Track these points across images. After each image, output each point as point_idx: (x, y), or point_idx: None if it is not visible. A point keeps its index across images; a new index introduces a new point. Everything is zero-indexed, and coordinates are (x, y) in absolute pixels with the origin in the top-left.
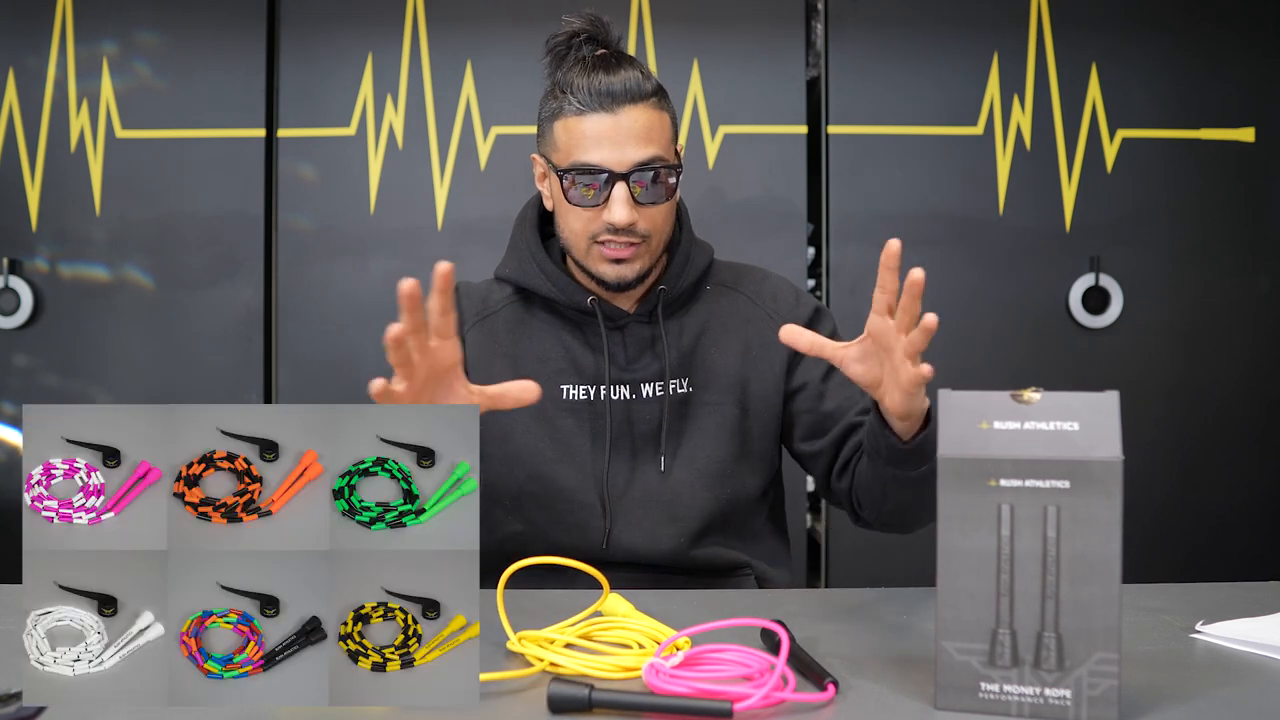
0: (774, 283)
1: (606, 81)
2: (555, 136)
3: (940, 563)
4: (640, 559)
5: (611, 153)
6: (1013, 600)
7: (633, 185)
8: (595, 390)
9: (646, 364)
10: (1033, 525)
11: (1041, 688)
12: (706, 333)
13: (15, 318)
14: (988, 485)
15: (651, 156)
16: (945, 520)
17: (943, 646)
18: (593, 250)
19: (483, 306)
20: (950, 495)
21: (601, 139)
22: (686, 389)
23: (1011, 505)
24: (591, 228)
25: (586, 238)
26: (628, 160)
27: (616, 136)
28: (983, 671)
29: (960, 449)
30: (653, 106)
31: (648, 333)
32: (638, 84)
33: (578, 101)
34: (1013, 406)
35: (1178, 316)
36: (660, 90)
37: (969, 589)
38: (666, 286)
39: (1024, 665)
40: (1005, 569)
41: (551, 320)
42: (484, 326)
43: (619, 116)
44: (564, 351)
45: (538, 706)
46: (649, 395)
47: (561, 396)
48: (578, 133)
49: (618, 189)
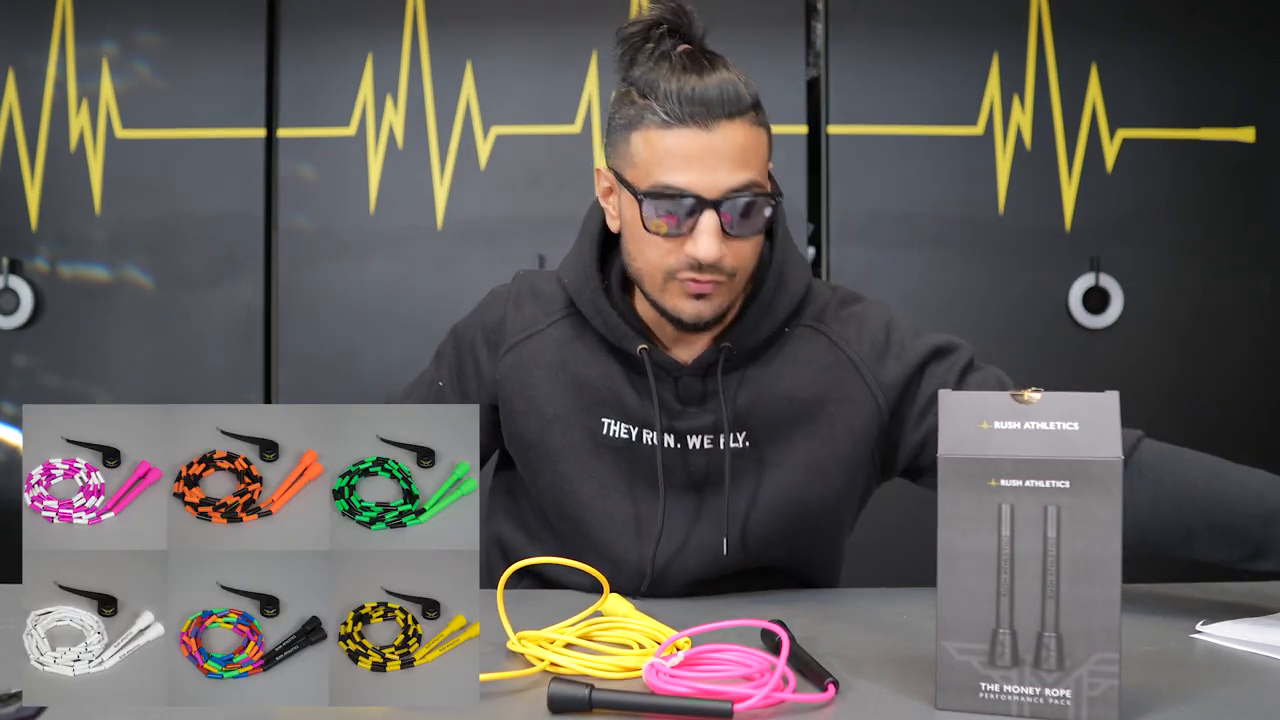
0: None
1: (700, 89)
2: (632, 149)
3: (940, 563)
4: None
5: (702, 176)
6: (1013, 600)
7: (723, 215)
8: (638, 432)
9: (697, 417)
10: (1033, 525)
11: (1041, 688)
12: (776, 383)
13: (15, 318)
14: (988, 485)
15: (748, 182)
16: (945, 520)
17: (943, 646)
18: (670, 286)
19: (532, 322)
20: (950, 495)
21: (691, 159)
22: (742, 444)
23: (1012, 505)
24: (670, 261)
25: (664, 271)
26: (721, 186)
27: (709, 157)
28: (983, 671)
29: (960, 449)
30: (751, 122)
31: (700, 387)
32: (737, 94)
33: (663, 111)
34: (1013, 406)
35: (1178, 316)
36: (759, 102)
37: (969, 589)
38: (731, 344)
39: (1024, 665)
40: (1005, 569)
41: (602, 345)
42: (527, 346)
43: (714, 134)
44: (609, 383)
45: (538, 706)
46: (696, 447)
47: (602, 430)
48: (662, 149)
49: (706, 218)
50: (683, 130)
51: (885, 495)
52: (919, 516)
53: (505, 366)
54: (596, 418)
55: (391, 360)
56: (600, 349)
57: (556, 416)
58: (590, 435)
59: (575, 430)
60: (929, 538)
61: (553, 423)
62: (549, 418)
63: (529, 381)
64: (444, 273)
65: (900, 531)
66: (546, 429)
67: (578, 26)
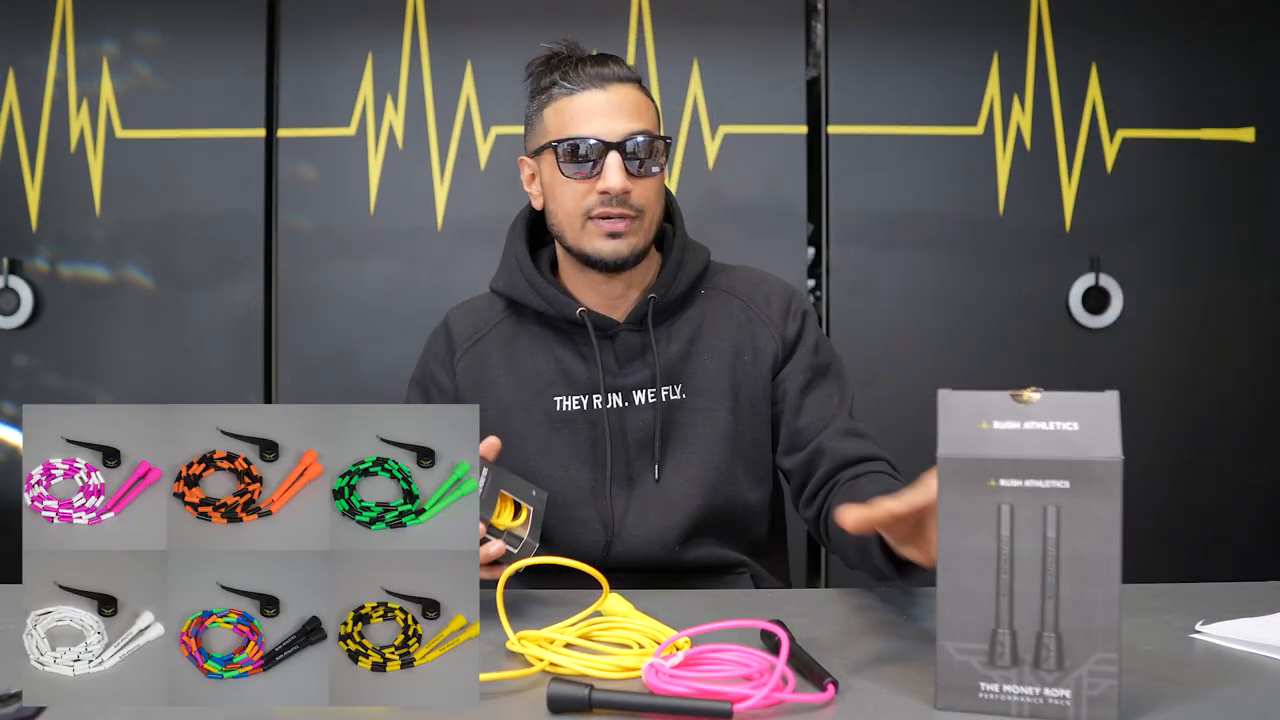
0: (769, 286)
1: (596, 67)
2: (545, 123)
3: (940, 563)
4: (636, 564)
5: (604, 124)
6: (1012, 600)
7: (626, 156)
8: (588, 400)
9: (638, 371)
10: (1032, 525)
11: (1041, 688)
12: (699, 338)
13: (15, 318)
14: (987, 485)
15: (643, 128)
16: (945, 520)
17: (942, 646)
18: (587, 227)
19: (474, 331)
20: (950, 495)
21: (594, 112)
22: (680, 395)
23: (1011, 505)
24: (585, 201)
25: (580, 214)
26: (620, 131)
27: (608, 110)
28: (983, 671)
29: (960, 449)
30: (639, 89)
31: (638, 341)
32: (624, 70)
33: (568, 84)
34: (1012, 406)
35: (1178, 316)
36: (644, 83)
37: (969, 589)
38: (656, 295)
39: (1024, 665)
40: (1005, 569)
41: (543, 333)
42: (475, 351)
43: (609, 92)
44: (555, 364)
45: (538, 706)
46: (642, 402)
47: (555, 409)
48: (569, 110)
49: (611, 157)
50: (584, 93)
51: None
52: None
53: (462, 370)
54: (549, 398)
55: (391, 360)
56: (542, 336)
57: (513, 403)
58: (546, 416)
59: (532, 413)
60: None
61: (510, 410)
62: (506, 406)
63: (483, 378)
64: (444, 273)
65: None
66: (506, 416)
67: (577, 27)
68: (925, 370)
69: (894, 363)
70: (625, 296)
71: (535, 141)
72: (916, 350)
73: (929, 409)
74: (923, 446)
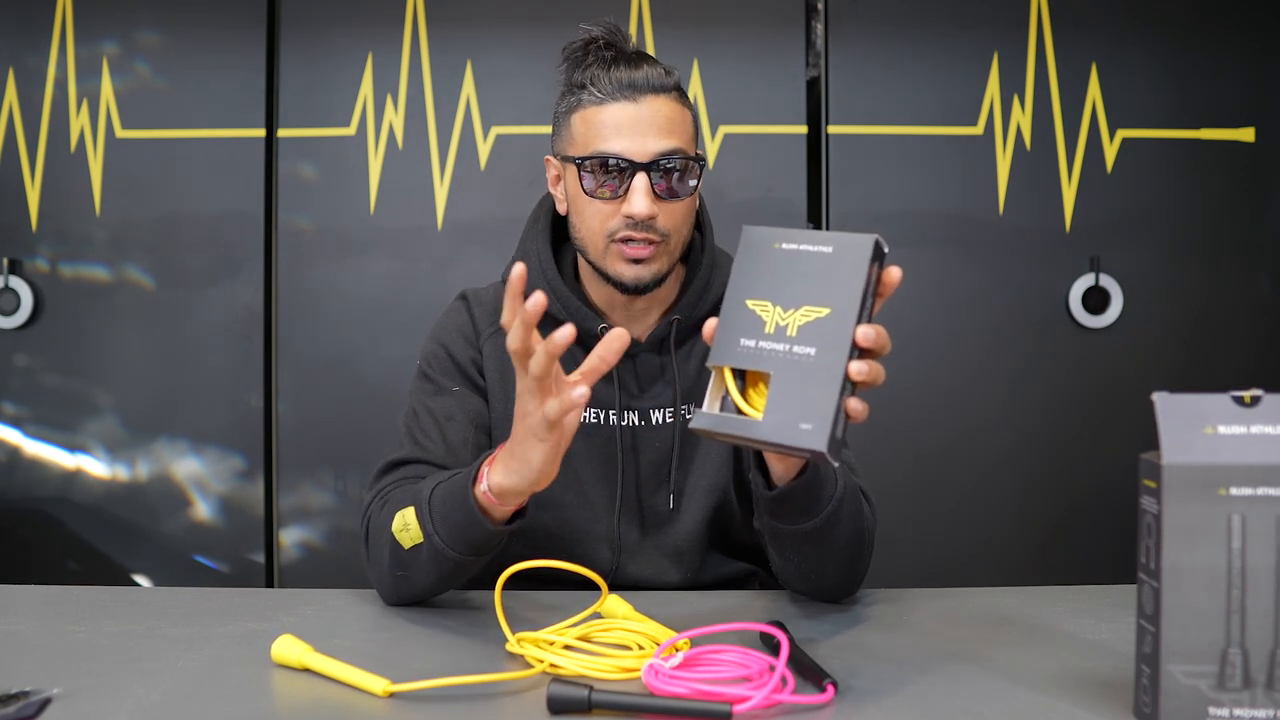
0: None
1: (629, 73)
2: (573, 130)
3: (1165, 579)
4: (646, 586)
5: (633, 142)
6: (1244, 618)
7: (654, 177)
8: (605, 415)
9: (658, 393)
10: (1265, 536)
11: (1275, 710)
12: None
13: (15, 318)
14: (1217, 494)
15: (675, 148)
16: (1171, 534)
17: (1168, 671)
18: (610, 249)
19: (493, 322)
20: (1175, 506)
21: (622, 128)
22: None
23: (1243, 515)
24: (610, 223)
25: (604, 235)
26: (650, 150)
27: (638, 125)
28: (1211, 695)
29: (1185, 456)
30: (675, 100)
31: (658, 362)
32: (660, 78)
33: (598, 92)
34: (1236, 410)
35: (1178, 316)
36: (682, 88)
37: (1196, 607)
38: (680, 316)
39: (1256, 687)
40: (1236, 584)
41: None
42: (498, 339)
43: (641, 106)
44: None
45: (537, 707)
46: (659, 422)
47: None
48: (597, 122)
49: (638, 179)
50: (614, 105)
51: (886, 496)
52: (920, 517)
53: (488, 351)
54: None
55: (391, 360)
56: None
57: None
58: None
59: None
60: (929, 538)
61: None
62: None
63: (507, 370)
64: (444, 273)
65: (901, 532)
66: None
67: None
68: (924, 370)
69: (893, 363)
70: (648, 311)
71: (562, 147)
72: (916, 350)
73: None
74: (922, 449)
